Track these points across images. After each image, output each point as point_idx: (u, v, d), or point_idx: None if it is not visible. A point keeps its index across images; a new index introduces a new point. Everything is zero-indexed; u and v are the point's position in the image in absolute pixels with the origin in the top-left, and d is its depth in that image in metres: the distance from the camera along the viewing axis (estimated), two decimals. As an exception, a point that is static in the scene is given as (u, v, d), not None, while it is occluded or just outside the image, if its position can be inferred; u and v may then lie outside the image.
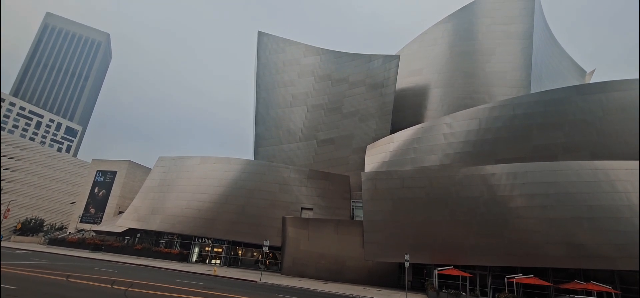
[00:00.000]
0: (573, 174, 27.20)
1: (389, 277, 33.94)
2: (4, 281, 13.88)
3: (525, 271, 28.18)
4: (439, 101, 47.70)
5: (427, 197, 30.71)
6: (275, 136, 52.93)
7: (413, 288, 33.43)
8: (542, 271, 28.54)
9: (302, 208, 39.91)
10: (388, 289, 30.80)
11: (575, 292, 25.95)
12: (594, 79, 61.13)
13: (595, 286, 24.53)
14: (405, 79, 51.83)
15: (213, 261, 42.84)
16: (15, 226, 63.95)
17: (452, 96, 46.81)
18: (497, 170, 28.86)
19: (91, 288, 14.95)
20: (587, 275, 27.75)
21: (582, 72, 59.99)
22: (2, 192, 70.02)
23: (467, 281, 29.74)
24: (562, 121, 31.03)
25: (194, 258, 43.68)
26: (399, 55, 49.04)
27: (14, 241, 52.42)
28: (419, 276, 35.41)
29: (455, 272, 28.04)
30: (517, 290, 27.96)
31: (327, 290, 24.28)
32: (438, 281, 29.26)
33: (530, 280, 26.36)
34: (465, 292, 28.16)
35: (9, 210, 56.87)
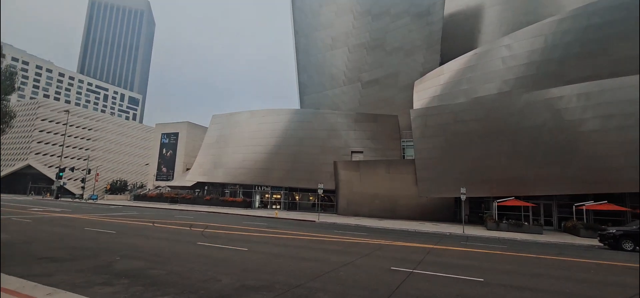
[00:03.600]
0: (662, 87, 23.59)
1: (444, 212, 34.02)
2: (107, 228, 16.61)
3: (596, 197, 26.33)
4: (495, 21, 42.94)
5: (483, 130, 29.15)
6: (318, 83, 52.67)
7: (470, 222, 33.29)
8: (617, 196, 26.45)
9: (352, 152, 40.46)
10: (444, 223, 31.05)
11: (658, 216, 23.85)
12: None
13: (683, 208, 22.27)
14: (454, 2, 47.02)
15: (274, 206, 46.30)
16: (106, 187, 74.22)
17: (511, 14, 41.74)
18: (566, 92, 26.08)
19: (175, 229, 17.33)
20: (673, 197, 25.14)
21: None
22: (90, 159, 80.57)
23: (530, 211, 28.70)
24: (652, 25, 26.29)
25: (257, 204, 47.54)
26: (447, -25, 44.07)
27: (106, 200, 61.27)
28: (477, 209, 34.97)
29: (517, 203, 27.16)
30: (587, 217, 26.45)
31: (382, 226, 25.24)
32: (497, 213, 28.68)
33: (603, 206, 24.67)
34: (528, 222, 27.34)
35: (98, 174, 65.87)
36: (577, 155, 25.35)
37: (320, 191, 31.24)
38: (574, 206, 26.89)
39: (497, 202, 28.31)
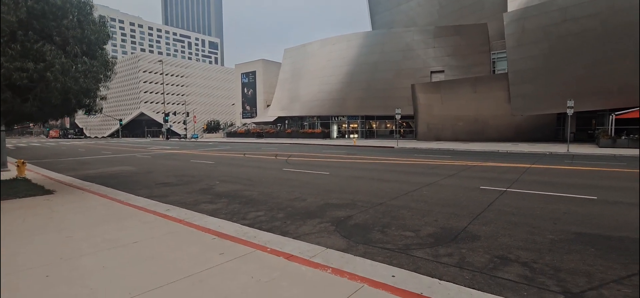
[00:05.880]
0: None
1: (543, 131, 30.04)
2: (207, 159, 18.97)
3: None
4: None
5: (602, 27, 23.51)
6: (390, -2, 47.94)
7: (577, 140, 28.93)
8: None
9: (432, 72, 37.25)
10: (542, 143, 27.56)
11: None
12: None
13: None
14: None
15: (351, 136, 46.90)
16: (203, 127, 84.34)
17: None
18: None
19: (262, 159, 18.98)
20: None
21: None
22: (186, 104, 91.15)
23: (663, 123, 23.34)
24: None
25: (335, 135, 48.74)
26: None
27: (205, 138, 69.93)
28: (585, 126, 30.05)
29: (644, 114, 22.25)
30: None
31: (468, 148, 23.57)
32: (614, 128, 24.10)
33: None
34: (658, 136, 22.43)
35: (195, 117, 74.66)
36: None
37: (397, 117, 30.15)
38: None
39: (615, 115, 23.63)
